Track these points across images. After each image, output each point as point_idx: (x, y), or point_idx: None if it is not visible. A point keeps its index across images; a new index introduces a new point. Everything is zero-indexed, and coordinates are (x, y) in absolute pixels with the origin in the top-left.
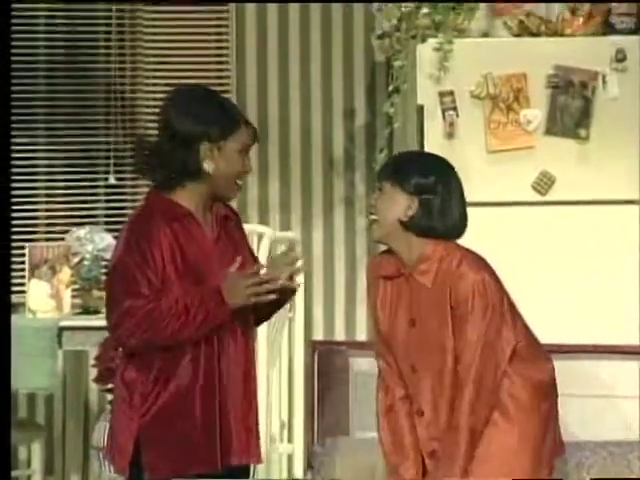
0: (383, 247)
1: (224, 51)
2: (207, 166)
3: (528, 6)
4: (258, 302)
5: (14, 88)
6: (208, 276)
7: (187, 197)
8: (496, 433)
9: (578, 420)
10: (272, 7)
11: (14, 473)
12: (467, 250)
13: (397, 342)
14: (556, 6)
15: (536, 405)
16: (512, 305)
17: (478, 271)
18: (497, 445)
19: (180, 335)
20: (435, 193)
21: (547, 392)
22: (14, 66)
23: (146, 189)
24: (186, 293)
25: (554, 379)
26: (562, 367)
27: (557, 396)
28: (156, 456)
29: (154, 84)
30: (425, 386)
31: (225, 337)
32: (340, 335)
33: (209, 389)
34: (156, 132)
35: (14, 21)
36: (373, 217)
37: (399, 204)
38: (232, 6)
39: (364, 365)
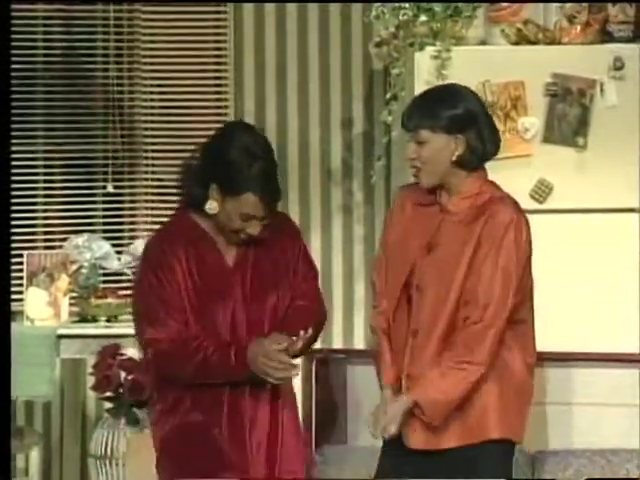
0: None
1: (222, 59)
2: (209, 205)
3: (526, 14)
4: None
5: (12, 96)
6: (226, 301)
7: (208, 222)
8: (479, 390)
9: (576, 428)
10: (270, 15)
11: None
12: (504, 192)
13: (409, 262)
14: (554, 14)
15: (529, 383)
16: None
17: (515, 211)
18: (475, 400)
19: (194, 379)
20: (473, 122)
21: (532, 376)
22: (13, 74)
23: (144, 197)
24: (210, 340)
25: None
26: (561, 375)
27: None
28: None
29: (152, 92)
30: (426, 307)
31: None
32: (338, 343)
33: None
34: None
35: (12, 29)
36: (417, 166)
37: (445, 147)
38: (230, 12)
39: (362, 373)
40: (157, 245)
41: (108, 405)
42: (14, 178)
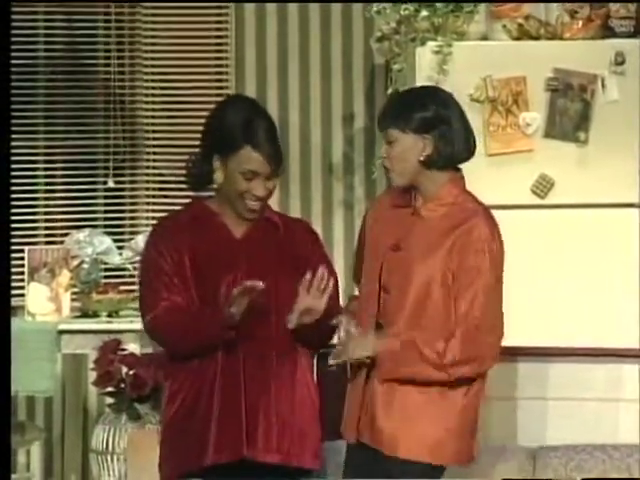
0: None
1: (224, 54)
2: (216, 177)
3: (527, 9)
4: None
5: (13, 92)
6: (230, 270)
7: (217, 203)
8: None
9: (576, 423)
10: (271, 10)
11: (13, 476)
12: (478, 201)
13: (378, 261)
14: (555, 9)
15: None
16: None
17: (490, 226)
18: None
19: (194, 345)
20: (443, 122)
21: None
22: (13, 69)
23: (145, 192)
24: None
25: None
26: (560, 370)
27: None
28: (164, 454)
29: (153, 87)
30: (390, 306)
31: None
32: None
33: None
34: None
35: (13, 24)
36: (387, 166)
37: (413, 147)
38: (232, 7)
39: None
40: (160, 227)
41: (109, 400)
42: (15, 173)
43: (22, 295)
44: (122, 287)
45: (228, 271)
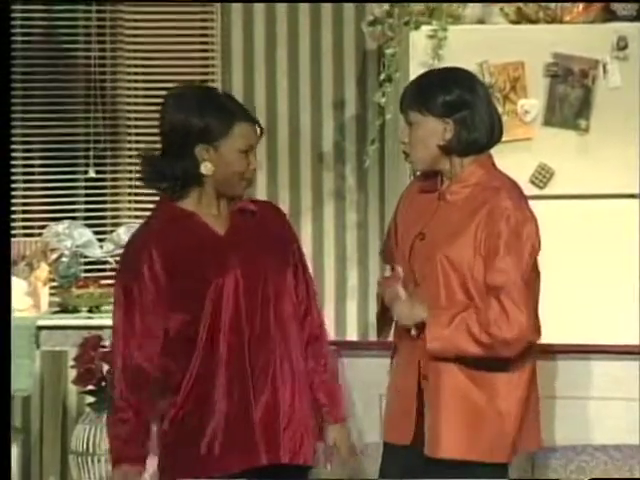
0: (375, 243)
1: (209, 38)
2: (204, 168)
3: None
4: None
5: None
6: (216, 267)
7: (193, 202)
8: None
9: (578, 423)
10: None
11: None
12: (507, 178)
13: (407, 249)
14: None
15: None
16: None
17: (520, 207)
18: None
19: None
20: (466, 107)
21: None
22: None
23: (128, 182)
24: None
25: None
26: (560, 368)
27: None
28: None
29: (135, 72)
30: (424, 300)
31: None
32: (329, 333)
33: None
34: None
35: None
36: (406, 151)
37: (434, 131)
38: None
39: (355, 365)
40: (142, 232)
41: (90, 399)
42: None
43: None
44: (103, 281)
45: (219, 271)
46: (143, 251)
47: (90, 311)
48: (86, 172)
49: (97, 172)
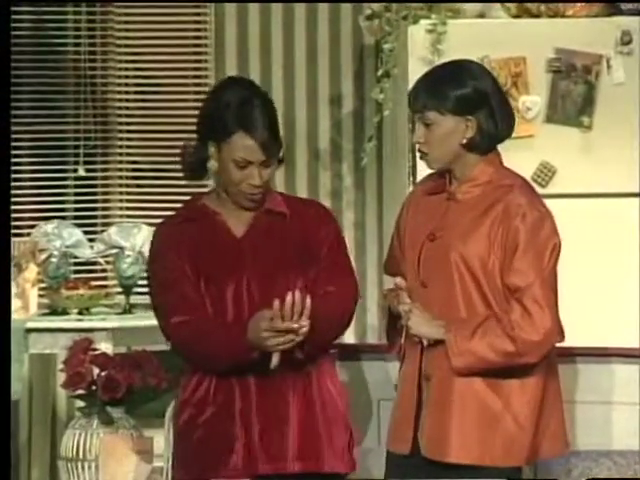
0: (372, 243)
1: (202, 32)
2: (210, 165)
3: None
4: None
5: None
6: (234, 273)
7: (218, 198)
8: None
9: (581, 428)
10: None
11: None
12: (517, 176)
13: (416, 253)
14: None
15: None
16: None
17: (534, 204)
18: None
19: (215, 360)
20: (485, 101)
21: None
22: None
23: (118, 181)
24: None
25: None
26: (562, 371)
27: None
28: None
29: (126, 68)
30: (434, 302)
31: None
32: None
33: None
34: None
35: None
36: (423, 150)
37: (455, 129)
38: None
39: (354, 369)
40: (158, 238)
41: (80, 404)
42: None
43: None
44: (93, 282)
45: (232, 274)
46: (170, 247)
47: (80, 313)
48: (76, 170)
49: (87, 170)
